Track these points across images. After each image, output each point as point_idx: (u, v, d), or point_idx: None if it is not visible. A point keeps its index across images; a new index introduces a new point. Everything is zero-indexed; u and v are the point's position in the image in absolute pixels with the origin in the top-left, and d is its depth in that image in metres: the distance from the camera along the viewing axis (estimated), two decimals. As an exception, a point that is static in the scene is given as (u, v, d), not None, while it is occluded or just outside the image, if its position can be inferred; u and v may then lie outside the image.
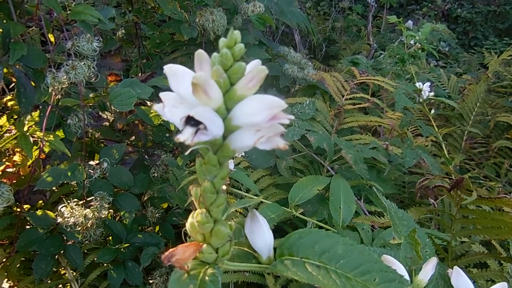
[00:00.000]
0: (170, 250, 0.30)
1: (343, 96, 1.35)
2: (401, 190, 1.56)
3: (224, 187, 0.83)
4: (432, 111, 1.95)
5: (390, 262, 0.43)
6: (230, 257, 0.36)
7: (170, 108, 0.28)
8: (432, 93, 1.89)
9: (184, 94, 0.27)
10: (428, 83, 1.86)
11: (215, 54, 0.27)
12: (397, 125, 1.47)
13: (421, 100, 1.86)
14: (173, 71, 0.27)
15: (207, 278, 0.29)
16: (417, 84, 1.86)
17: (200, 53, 0.27)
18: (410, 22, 3.64)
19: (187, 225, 0.32)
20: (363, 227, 0.99)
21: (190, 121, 0.24)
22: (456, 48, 4.11)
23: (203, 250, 0.31)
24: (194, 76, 0.24)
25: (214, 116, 0.25)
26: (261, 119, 0.26)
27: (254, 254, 0.37)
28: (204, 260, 0.31)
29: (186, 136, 0.24)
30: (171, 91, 0.28)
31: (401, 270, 0.43)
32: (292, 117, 0.27)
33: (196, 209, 0.31)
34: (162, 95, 0.28)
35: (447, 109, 2.30)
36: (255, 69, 0.26)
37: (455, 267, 0.49)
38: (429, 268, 0.44)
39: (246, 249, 0.38)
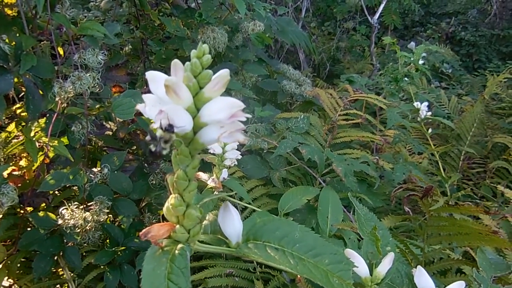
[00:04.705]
0: (147, 228, 0.35)
1: (337, 112, 1.40)
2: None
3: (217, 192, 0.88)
4: (429, 130, 2.00)
5: (351, 255, 0.47)
6: (205, 242, 0.41)
7: (150, 107, 0.33)
8: (430, 113, 1.94)
9: (162, 96, 0.33)
10: (426, 103, 1.92)
11: (187, 62, 0.33)
12: (392, 142, 1.52)
13: (419, 119, 1.91)
14: (153, 76, 0.33)
15: (177, 252, 0.34)
16: (415, 104, 1.92)
17: (175, 62, 0.32)
18: (412, 44, 3.71)
19: (164, 209, 0.37)
20: (350, 236, 1.03)
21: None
22: (459, 70, 4.16)
23: (176, 230, 0.36)
24: (166, 79, 0.30)
25: (182, 112, 0.31)
26: (223, 116, 0.31)
27: (226, 240, 0.42)
28: (177, 239, 0.36)
29: (157, 125, 0.29)
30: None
31: (361, 263, 0.48)
32: (249, 115, 0.32)
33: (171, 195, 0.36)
34: (144, 96, 0.34)
35: (447, 129, 2.34)
36: (220, 75, 0.32)
37: (418, 267, 0.54)
38: (387, 262, 0.48)
39: (219, 236, 0.43)
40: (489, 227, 0.65)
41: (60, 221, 1.00)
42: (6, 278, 1.04)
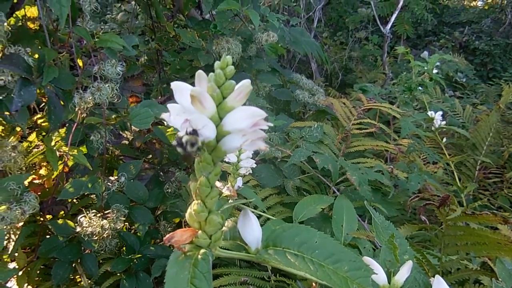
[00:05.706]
0: (171, 233, 0.36)
1: (350, 121, 1.41)
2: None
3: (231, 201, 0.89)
4: (444, 140, 1.98)
5: (369, 263, 0.48)
6: (225, 248, 0.42)
7: (175, 116, 0.35)
8: (444, 122, 1.92)
9: (186, 105, 0.34)
10: (440, 112, 1.91)
11: (211, 73, 0.34)
12: (406, 151, 1.51)
13: (433, 128, 1.90)
14: (178, 86, 0.34)
15: (200, 257, 0.35)
16: (429, 113, 1.91)
17: (199, 73, 0.34)
18: (425, 53, 3.71)
19: (186, 215, 0.38)
20: (365, 245, 1.03)
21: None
22: (474, 79, 4.12)
23: (198, 236, 0.37)
24: (192, 89, 0.31)
25: (207, 121, 0.32)
26: (245, 125, 0.32)
27: (245, 246, 0.43)
28: (199, 244, 0.37)
29: (183, 133, 0.30)
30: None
31: (380, 270, 0.48)
32: (271, 124, 0.33)
33: (193, 201, 0.37)
34: (169, 106, 0.35)
35: (462, 139, 2.32)
36: (242, 85, 0.33)
37: (437, 276, 0.54)
38: (405, 270, 0.49)
39: (238, 242, 0.43)
40: (508, 237, 0.65)
41: (78, 229, 1.02)
42: (26, 284, 1.06)
